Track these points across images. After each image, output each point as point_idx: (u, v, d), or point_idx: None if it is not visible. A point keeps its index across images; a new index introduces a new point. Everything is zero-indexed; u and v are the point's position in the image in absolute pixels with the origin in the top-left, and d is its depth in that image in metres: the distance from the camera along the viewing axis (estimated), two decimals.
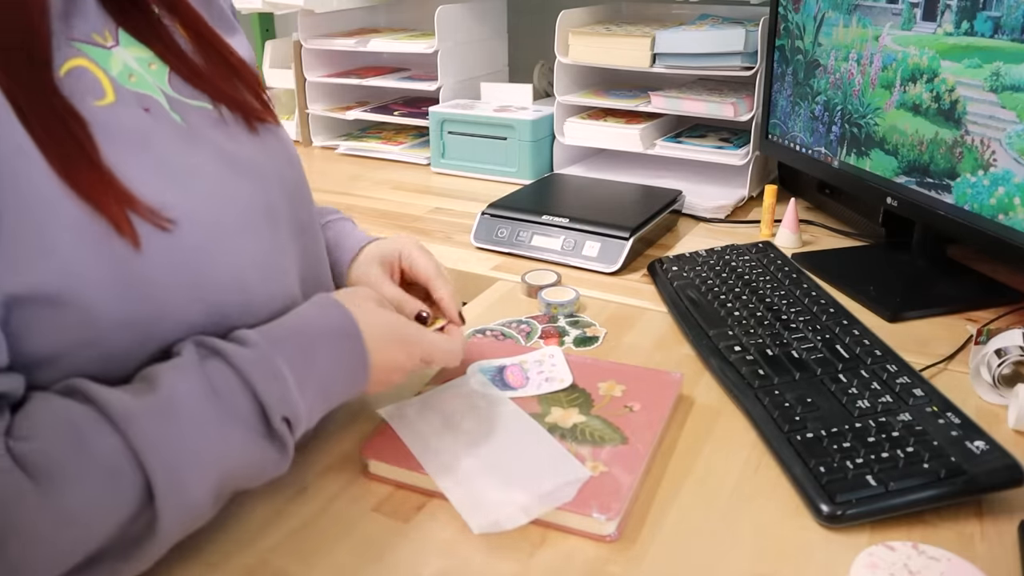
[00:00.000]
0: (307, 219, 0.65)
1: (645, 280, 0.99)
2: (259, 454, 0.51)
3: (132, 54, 0.55)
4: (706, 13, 1.39)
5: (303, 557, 0.55)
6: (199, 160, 0.54)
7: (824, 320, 0.81)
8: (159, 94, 0.55)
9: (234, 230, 0.54)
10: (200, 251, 0.51)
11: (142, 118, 0.52)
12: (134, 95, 0.53)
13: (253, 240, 0.55)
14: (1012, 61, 0.77)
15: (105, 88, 0.51)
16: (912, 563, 0.50)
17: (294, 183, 0.64)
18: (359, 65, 1.73)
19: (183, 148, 0.54)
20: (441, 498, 0.59)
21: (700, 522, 0.58)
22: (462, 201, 1.32)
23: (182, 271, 0.50)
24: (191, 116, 0.56)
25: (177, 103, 0.56)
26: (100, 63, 0.52)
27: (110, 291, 0.47)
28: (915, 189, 0.91)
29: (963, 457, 0.59)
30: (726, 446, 0.66)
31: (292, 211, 0.62)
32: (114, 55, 0.53)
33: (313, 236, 0.67)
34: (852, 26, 0.99)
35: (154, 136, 0.52)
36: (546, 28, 1.37)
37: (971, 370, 0.75)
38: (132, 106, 0.52)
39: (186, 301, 0.51)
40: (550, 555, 0.55)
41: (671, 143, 1.31)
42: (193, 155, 0.54)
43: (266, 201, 0.58)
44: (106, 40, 0.53)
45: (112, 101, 0.51)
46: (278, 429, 0.51)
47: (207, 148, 0.56)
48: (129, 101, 0.52)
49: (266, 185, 0.59)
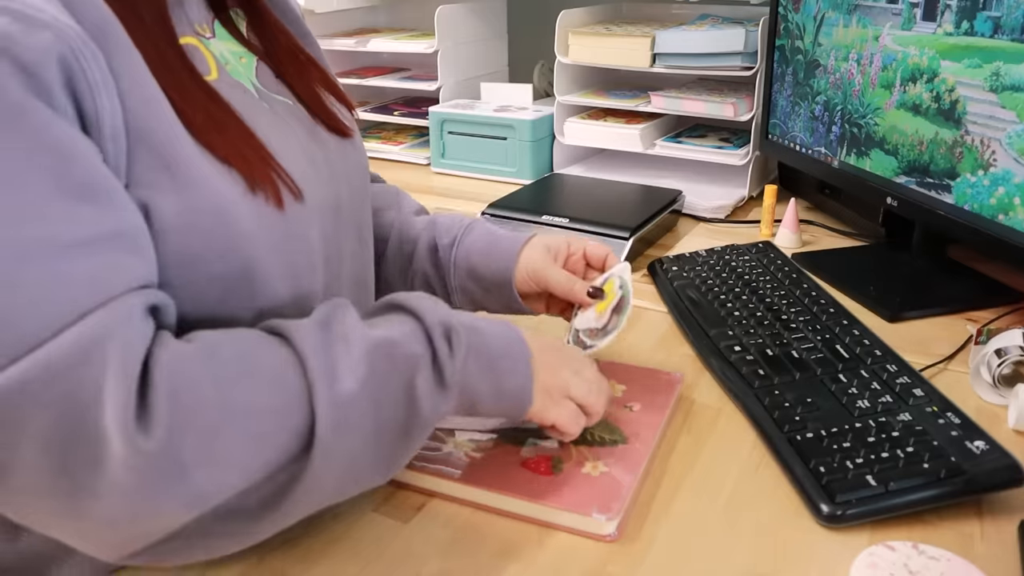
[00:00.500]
0: (364, 224, 0.69)
1: (645, 280, 0.99)
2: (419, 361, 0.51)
3: (226, 47, 0.59)
4: (706, 13, 1.39)
5: (303, 557, 0.55)
6: (286, 148, 0.57)
7: (824, 320, 0.81)
8: (248, 84, 0.59)
9: (314, 215, 0.57)
10: (298, 223, 0.55)
11: (242, 95, 0.57)
12: (231, 79, 0.57)
13: (320, 229, 0.58)
14: (1012, 61, 0.77)
15: (211, 66, 0.56)
16: (912, 563, 0.50)
17: (361, 190, 0.67)
18: (359, 65, 1.73)
19: (274, 133, 0.57)
20: (441, 498, 0.60)
21: (700, 522, 0.58)
22: (462, 201, 1.32)
23: (284, 240, 0.54)
24: (277, 108, 0.60)
25: (263, 94, 0.60)
26: (206, 46, 0.57)
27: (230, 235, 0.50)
28: (915, 189, 0.91)
29: (963, 457, 0.59)
30: (726, 446, 0.66)
31: (354, 214, 0.65)
32: (212, 44, 0.58)
33: (366, 241, 0.69)
34: (852, 26, 0.99)
35: (254, 116, 0.56)
36: (546, 28, 1.37)
37: (971, 370, 0.75)
38: (233, 87, 0.57)
39: (281, 270, 0.54)
40: (550, 555, 0.55)
41: (671, 143, 1.31)
42: (283, 142, 0.57)
43: (336, 198, 0.61)
44: (205, 32, 0.58)
45: (216, 78, 0.56)
46: (437, 343, 0.52)
47: (294, 139, 0.59)
48: (230, 83, 0.57)
49: (337, 184, 0.62)
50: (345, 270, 0.64)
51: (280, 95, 0.62)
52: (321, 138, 0.63)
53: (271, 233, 0.52)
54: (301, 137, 0.60)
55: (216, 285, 0.51)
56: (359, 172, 0.68)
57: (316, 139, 0.62)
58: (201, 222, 0.49)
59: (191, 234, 0.49)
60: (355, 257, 0.66)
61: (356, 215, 0.66)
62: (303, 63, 0.66)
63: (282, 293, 0.54)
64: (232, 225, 0.50)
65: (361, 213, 0.67)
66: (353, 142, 0.68)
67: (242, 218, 0.50)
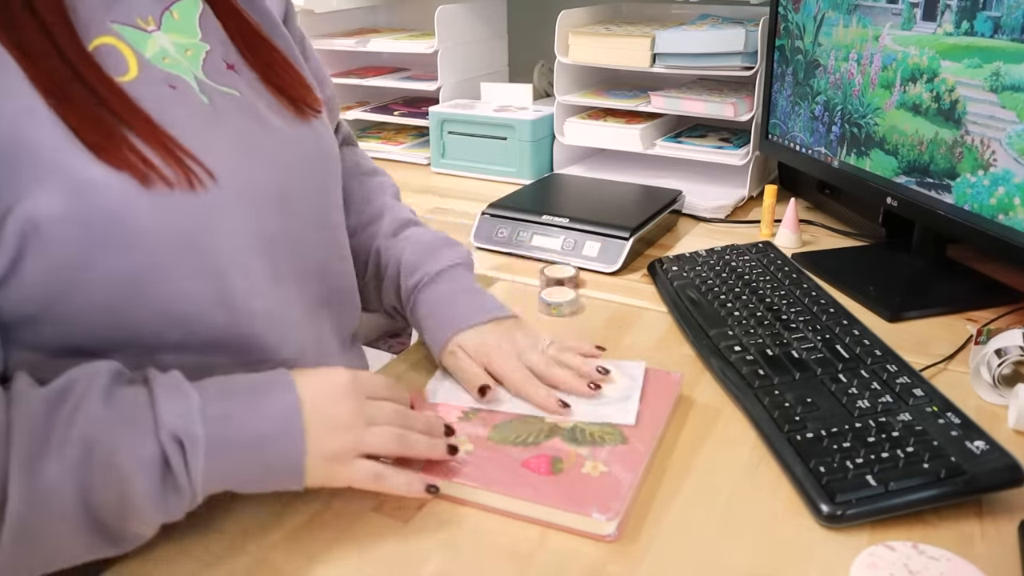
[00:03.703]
0: (331, 213, 0.68)
1: (645, 280, 0.99)
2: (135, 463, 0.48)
3: (171, 39, 0.59)
4: (706, 13, 1.39)
5: (303, 557, 0.54)
6: (214, 139, 0.57)
7: (824, 320, 0.81)
8: (190, 77, 0.59)
9: (237, 206, 0.56)
10: (207, 215, 0.54)
11: (164, 93, 0.56)
12: (164, 74, 0.57)
13: (252, 222, 0.57)
14: (1012, 61, 0.77)
15: (129, 65, 0.55)
16: (912, 563, 0.50)
17: (320, 176, 0.66)
18: (359, 65, 1.72)
19: (200, 126, 0.56)
20: (441, 498, 0.60)
21: (700, 522, 0.58)
22: (462, 201, 1.32)
23: (188, 235, 0.53)
24: (218, 100, 0.59)
25: (206, 86, 0.59)
26: (133, 43, 0.56)
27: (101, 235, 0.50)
28: (915, 189, 0.91)
29: (963, 457, 0.59)
30: (726, 446, 0.66)
31: (310, 202, 0.64)
32: (152, 38, 0.58)
33: (331, 227, 0.68)
34: (852, 26, 0.99)
35: (173, 111, 0.55)
36: (546, 28, 1.37)
37: (971, 370, 0.75)
38: (156, 84, 0.56)
39: (187, 265, 0.53)
40: (550, 555, 0.55)
41: (671, 143, 1.31)
42: (209, 134, 0.57)
43: (279, 187, 0.61)
44: (148, 24, 0.58)
45: (134, 76, 0.55)
46: (164, 445, 0.48)
47: (226, 130, 0.58)
48: (155, 79, 0.56)
49: (281, 173, 0.61)
50: (299, 262, 0.63)
51: (227, 86, 0.61)
52: (268, 126, 0.62)
53: (176, 229, 0.52)
54: (240, 128, 0.59)
55: (118, 287, 0.51)
56: (317, 159, 0.67)
57: (262, 128, 0.61)
58: (93, 226, 0.49)
59: (83, 239, 0.49)
60: (316, 246, 0.66)
61: (315, 202, 0.65)
62: (259, 48, 0.65)
63: (199, 291, 0.54)
64: (126, 224, 0.50)
65: (322, 200, 0.66)
66: (312, 127, 0.67)
67: (139, 215, 0.50)
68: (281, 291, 0.61)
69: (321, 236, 0.67)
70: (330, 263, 0.69)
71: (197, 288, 0.54)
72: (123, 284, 0.51)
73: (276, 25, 0.70)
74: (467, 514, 0.59)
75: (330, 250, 0.69)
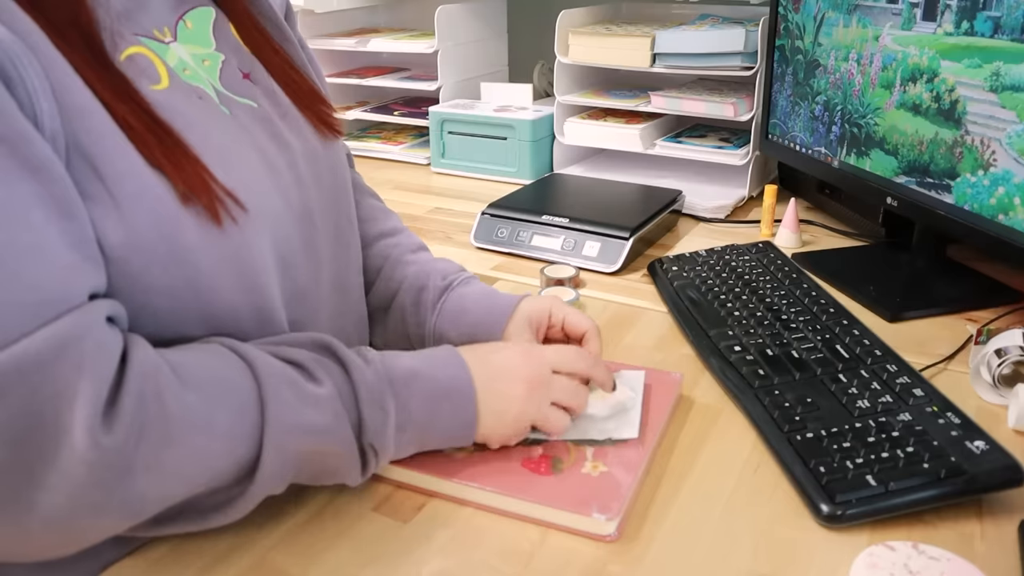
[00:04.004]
0: (345, 227, 0.68)
1: (645, 280, 0.99)
2: (345, 459, 0.55)
3: (188, 50, 0.59)
4: (706, 13, 1.39)
5: (303, 557, 0.54)
6: (240, 160, 0.57)
7: (824, 320, 0.81)
8: (210, 88, 0.58)
9: (267, 226, 0.56)
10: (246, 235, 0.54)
11: (195, 103, 0.56)
12: (187, 86, 0.56)
13: (281, 239, 0.58)
14: (1012, 61, 0.77)
15: (161, 74, 0.55)
16: (912, 563, 0.50)
17: (336, 190, 0.67)
18: (359, 65, 1.73)
19: (227, 140, 0.56)
20: (441, 498, 0.60)
21: (700, 522, 0.58)
22: (462, 201, 1.32)
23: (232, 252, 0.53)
24: (238, 112, 0.59)
25: (225, 97, 0.59)
26: (159, 54, 0.56)
27: (162, 256, 0.50)
28: (915, 189, 0.91)
29: (963, 457, 0.59)
30: (726, 446, 0.66)
31: (330, 216, 0.65)
32: (171, 49, 0.57)
33: (345, 242, 0.68)
34: (852, 26, 0.99)
35: (205, 123, 0.55)
36: (546, 28, 1.37)
37: (971, 370, 0.75)
38: (187, 93, 0.56)
39: (231, 281, 0.53)
40: (550, 555, 0.55)
41: (671, 143, 1.31)
42: (236, 151, 0.57)
43: (305, 203, 0.61)
44: (164, 36, 0.57)
45: (167, 86, 0.55)
46: (365, 449, 0.55)
47: (250, 146, 0.58)
48: (184, 89, 0.56)
49: (305, 189, 0.61)
50: (325, 275, 0.64)
51: (245, 97, 0.60)
52: (285, 141, 0.61)
53: (216, 245, 0.52)
54: (262, 142, 0.59)
55: (163, 297, 0.51)
56: (333, 173, 0.67)
57: (279, 143, 0.61)
58: (142, 235, 0.49)
59: (132, 247, 0.49)
60: (334, 260, 0.66)
61: (332, 217, 0.65)
62: (273, 56, 0.65)
63: (237, 304, 0.54)
64: (174, 238, 0.50)
65: (337, 214, 0.66)
66: (329, 143, 0.66)
67: (185, 230, 0.50)
68: (305, 305, 0.61)
69: (339, 250, 0.67)
70: (348, 277, 0.69)
71: (237, 301, 0.54)
72: (167, 294, 0.51)
73: (284, 29, 0.69)
74: (467, 514, 0.59)
75: (344, 264, 0.69)
